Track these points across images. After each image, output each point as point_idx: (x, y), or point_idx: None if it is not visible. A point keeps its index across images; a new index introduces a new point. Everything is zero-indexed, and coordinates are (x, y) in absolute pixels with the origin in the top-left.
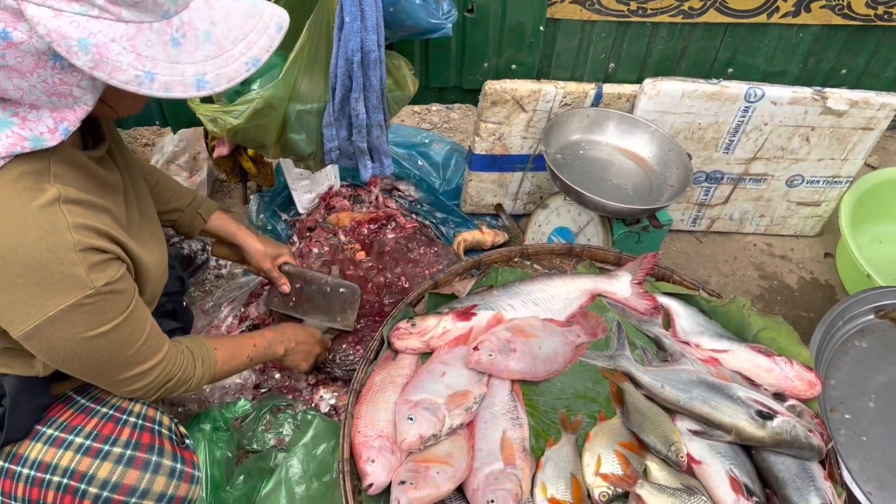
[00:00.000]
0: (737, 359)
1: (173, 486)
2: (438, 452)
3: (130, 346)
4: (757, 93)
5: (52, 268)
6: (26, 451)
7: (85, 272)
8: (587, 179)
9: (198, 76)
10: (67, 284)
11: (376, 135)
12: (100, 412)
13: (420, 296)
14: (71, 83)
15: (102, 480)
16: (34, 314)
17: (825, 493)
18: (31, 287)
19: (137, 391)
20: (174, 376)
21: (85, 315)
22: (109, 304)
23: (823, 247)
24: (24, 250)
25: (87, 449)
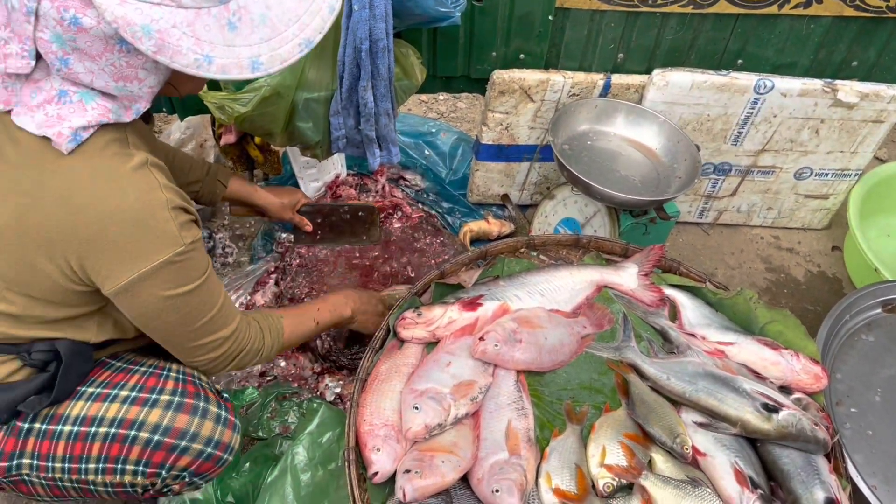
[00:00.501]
0: (743, 351)
1: (219, 432)
2: (443, 442)
3: (208, 310)
4: (767, 84)
5: (150, 224)
6: (67, 410)
7: (177, 229)
8: (595, 170)
9: (252, 58)
10: (162, 241)
11: (384, 123)
12: (139, 370)
13: (426, 285)
14: (136, 66)
15: (153, 425)
16: (130, 269)
17: (830, 487)
18: (130, 244)
19: (211, 361)
20: (245, 347)
21: (174, 272)
22: (193, 264)
23: (831, 240)
24: (125, 209)
25: (133, 399)
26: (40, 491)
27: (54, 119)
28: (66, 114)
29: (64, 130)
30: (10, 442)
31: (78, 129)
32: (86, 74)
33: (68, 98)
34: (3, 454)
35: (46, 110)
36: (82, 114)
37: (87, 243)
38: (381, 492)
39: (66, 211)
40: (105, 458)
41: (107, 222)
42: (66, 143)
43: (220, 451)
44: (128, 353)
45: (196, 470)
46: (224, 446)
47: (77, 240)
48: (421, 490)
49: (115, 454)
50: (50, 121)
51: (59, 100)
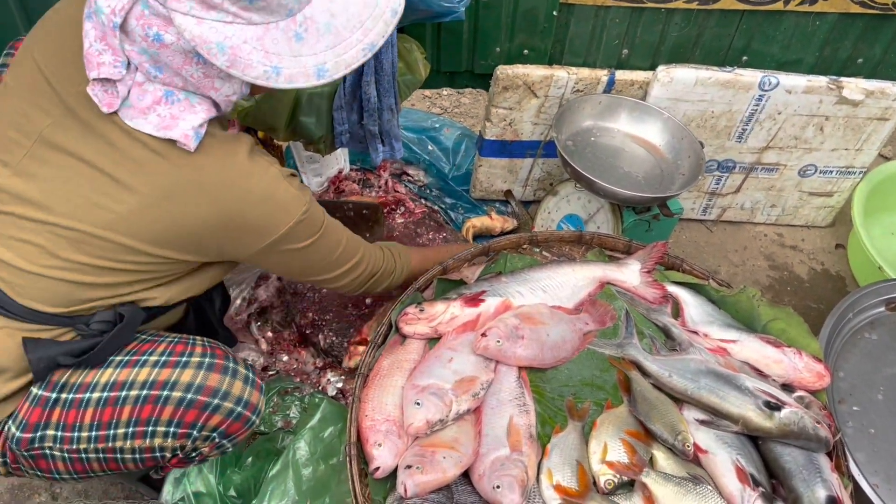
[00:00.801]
0: (745, 349)
1: (248, 392)
2: (445, 437)
3: (337, 246)
4: (771, 81)
5: (278, 195)
6: (95, 378)
7: (297, 191)
8: (598, 166)
9: (318, 66)
10: (290, 205)
11: (387, 118)
12: (166, 339)
13: (428, 281)
14: (212, 76)
15: (186, 384)
16: (269, 236)
17: (832, 485)
18: (264, 218)
19: (348, 284)
20: (378, 269)
21: (304, 227)
22: (314, 215)
23: (835, 238)
24: (255, 189)
25: (164, 363)
26: (60, 466)
27: (169, 119)
28: (177, 113)
29: (188, 132)
30: (35, 412)
31: (197, 128)
32: (178, 78)
33: (175, 97)
34: (27, 425)
35: (158, 111)
36: (192, 112)
37: (227, 229)
38: (383, 487)
39: (203, 201)
40: (136, 422)
41: (242, 205)
42: (192, 143)
43: (249, 412)
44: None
45: (226, 430)
46: (252, 407)
47: (220, 227)
48: (422, 485)
49: (146, 416)
50: (165, 122)
51: (166, 100)
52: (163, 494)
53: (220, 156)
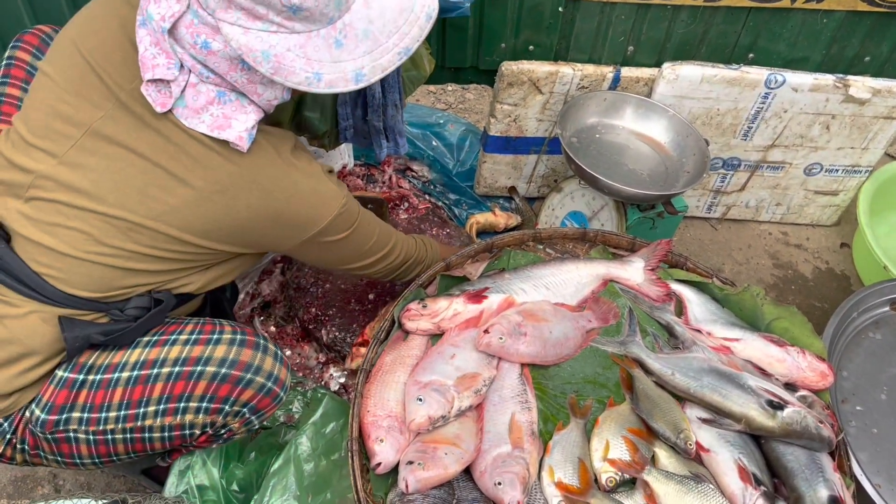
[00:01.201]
0: (749, 348)
1: (277, 368)
2: (447, 434)
3: (371, 236)
4: (778, 79)
5: (319, 191)
6: (123, 358)
7: (336, 187)
8: (603, 164)
9: (356, 70)
10: (330, 199)
11: (391, 114)
12: (192, 320)
13: (431, 277)
14: (255, 81)
15: (220, 359)
16: (312, 228)
17: (834, 485)
18: (308, 211)
19: (381, 271)
20: (410, 256)
21: (342, 220)
22: (351, 208)
23: (840, 237)
24: (301, 185)
25: (195, 341)
26: (83, 450)
27: (222, 119)
28: (230, 113)
29: (243, 134)
30: (62, 395)
31: (250, 130)
32: (227, 79)
33: (227, 98)
34: (53, 407)
35: (211, 111)
36: (244, 112)
37: (275, 223)
38: (384, 483)
39: (256, 196)
40: (167, 398)
41: (289, 199)
42: (246, 144)
43: (278, 388)
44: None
45: (256, 405)
46: (281, 383)
47: (268, 221)
48: (423, 481)
49: (178, 392)
50: (218, 121)
51: (219, 100)
52: (166, 487)
53: (271, 153)
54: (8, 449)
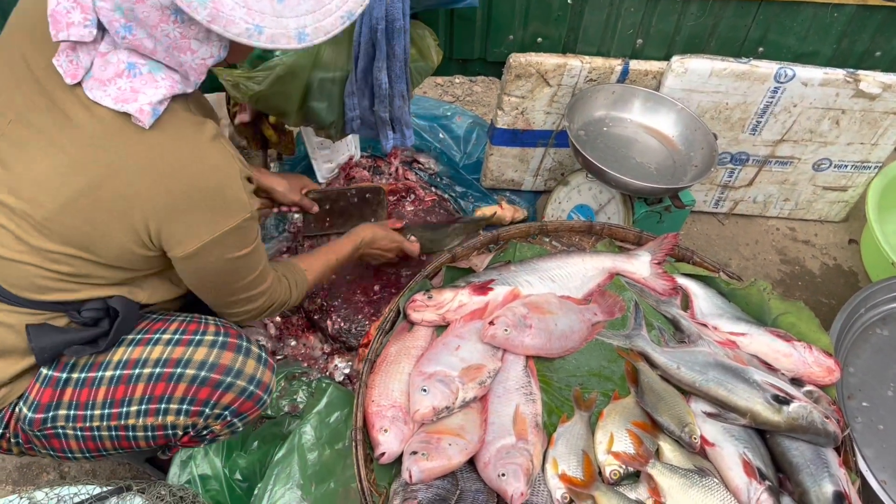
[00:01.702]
0: (755, 342)
1: (260, 371)
2: (451, 425)
3: (255, 269)
4: (787, 73)
5: (227, 192)
6: (107, 357)
7: (247, 197)
8: (610, 157)
9: (299, 29)
10: (235, 207)
11: (398, 105)
12: (178, 318)
13: (437, 269)
14: (189, 36)
15: (200, 362)
16: (204, 234)
17: (839, 480)
18: (209, 209)
19: (246, 313)
20: (275, 301)
21: (239, 236)
22: (251, 228)
23: (848, 233)
24: (209, 176)
25: (177, 341)
26: (73, 445)
27: (128, 93)
28: (139, 86)
29: (144, 107)
30: (46, 393)
31: (156, 104)
32: (148, 40)
33: (137, 70)
34: (39, 406)
35: (119, 84)
36: (154, 86)
37: (170, 207)
38: (388, 472)
39: (153, 178)
40: (149, 399)
41: (193, 189)
42: (148, 119)
43: (261, 391)
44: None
45: (238, 408)
46: (264, 386)
47: (162, 204)
48: (427, 472)
49: (159, 393)
50: (124, 94)
51: (129, 72)
52: (169, 476)
53: (177, 137)
54: (3, 442)
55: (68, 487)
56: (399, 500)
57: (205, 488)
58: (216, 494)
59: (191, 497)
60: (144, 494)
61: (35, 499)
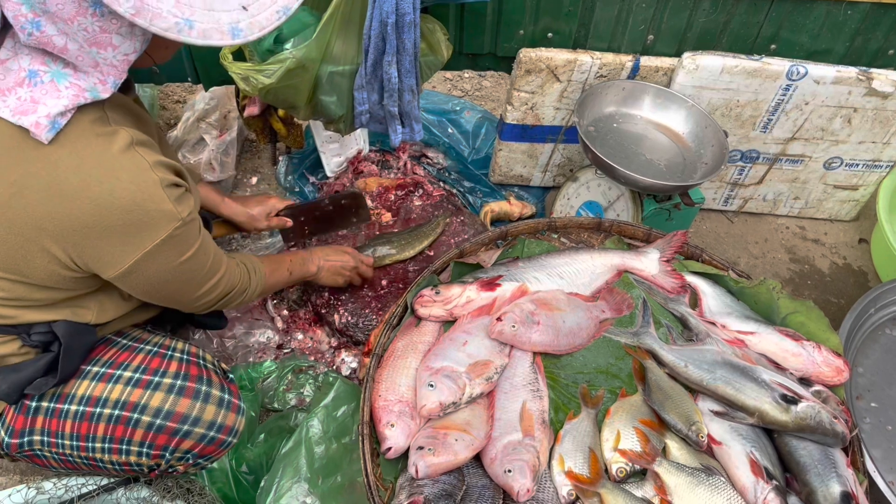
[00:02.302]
0: (763, 341)
1: (222, 415)
2: (457, 420)
3: (204, 265)
4: (800, 71)
5: (146, 206)
6: (73, 390)
7: (173, 206)
8: (620, 153)
9: (232, 24)
10: (160, 220)
11: (408, 99)
12: (144, 349)
13: (445, 264)
14: (110, 31)
15: (155, 409)
16: (132, 252)
17: (847, 481)
18: (129, 227)
19: (201, 307)
20: (234, 286)
21: (175, 245)
22: (190, 232)
23: (858, 232)
24: (120, 194)
25: (136, 381)
26: (53, 464)
27: (28, 103)
28: (39, 96)
29: (41, 120)
30: (20, 420)
31: (55, 117)
32: (59, 37)
33: (39, 79)
34: (14, 431)
35: (18, 94)
36: (56, 96)
37: (82, 232)
38: (394, 467)
39: (57, 200)
40: (111, 439)
41: (102, 208)
42: (45, 133)
43: (224, 435)
44: (134, 329)
45: (200, 452)
46: (227, 429)
47: (71, 229)
48: (434, 467)
49: (119, 435)
50: (23, 106)
51: (29, 81)
52: None
53: (80, 151)
54: None
55: (76, 478)
56: (405, 495)
57: (211, 480)
58: (223, 486)
59: (198, 489)
60: (151, 486)
61: (43, 489)
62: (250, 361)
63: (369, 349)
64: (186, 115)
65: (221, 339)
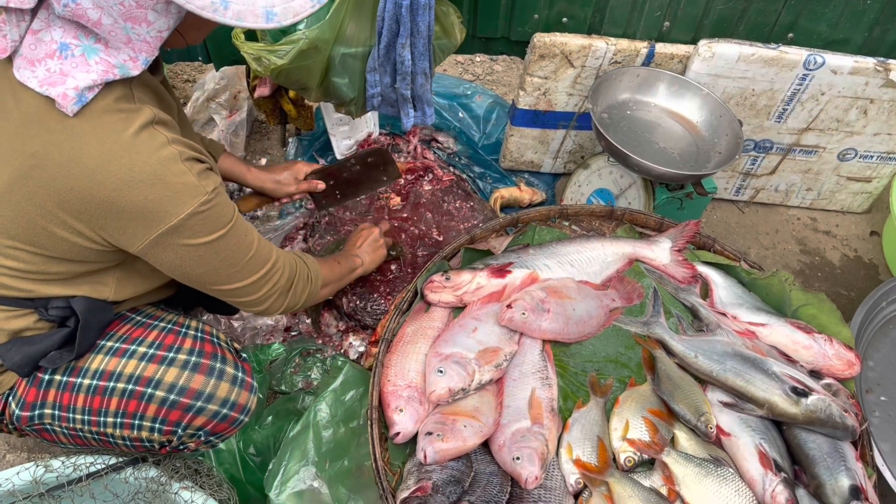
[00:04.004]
0: (775, 333)
1: (235, 393)
2: (466, 406)
3: (248, 249)
4: (817, 60)
5: (168, 179)
6: (86, 364)
7: (196, 179)
8: (633, 141)
9: (267, 8)
10: (184, 193)
11: (420, 83)
12: (158, 325)
13: (455, 250)
14: (146, 6)
15: (169, 384)
16: (157, 226)
17: (856, 474)
18: (151, 203)
19: (269, 297)
20: (295, 274)
21: (203, 221)
22: (220, 209)
23: (870, 224)
24: (140, 169)
25: (151, 357)
26: (63, 439)
27: (57, 75)
28: (68, 69)
29: (69, 92)
30: (31, 392)
31: (83, 90)
32: (94, 10)
33: (70, 52)
34: (25, 404)
35: (48, 65)
36: (86, 70)
37: (103, 208)
38: (402, 452)
39: (77, 175)
40: (123, 413)
41: (123, 184)
42: (71, 105)
43: (236, 413)
44: (148, 307)
45: (212, 430)
46: (240, 408)
47: (93, 204)
48: (442, 453)
49: (132, 410)
50: (52, 77)
51: (60, 53)
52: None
53: (104, 125)
54: (2, 426)
55: (84, 457)
56: (413, 480)
57: (219, 462)
58: (230, 468)
59: (205, 470)
60: (160, 466)
61: (52, 467)
62: (258, 343)
63: (376, 339)
64: (196, 94)
65: (229, 321)
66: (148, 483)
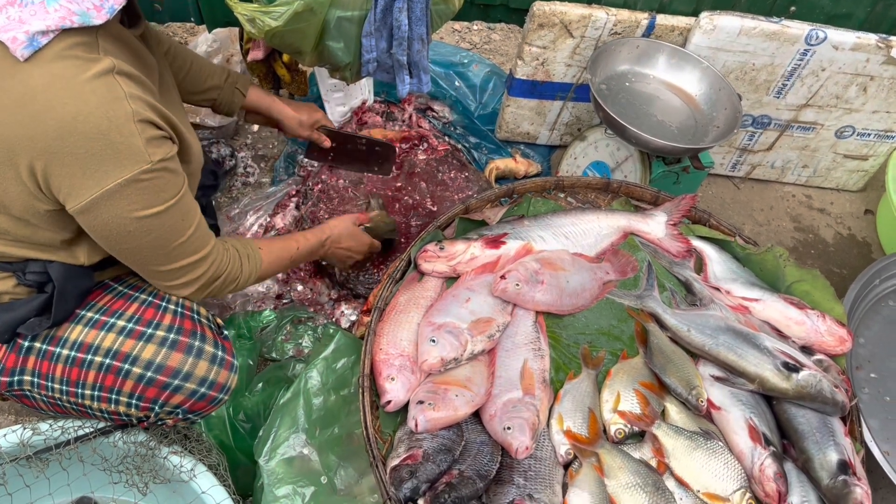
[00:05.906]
0: (768, 309)
1: (214, 372)
2: (458, 376)
3: (181, 233)
4: (819, 35)
5: (112, 137)
6: (66, 333)
7: (143, 145)
8: (631, 113)
9: None
10: (126, 156)
11: (417, 49)
12: (139, 298)
13: (450, 219)
14: None
15: (147, 361)
16: (92, 186)
17: (844, 449)
18: (91, 158)
19: (186, 286)
20: (222, 273)
21: (141, 192)
22: (163, 184)
23: (865, 203)
24: (84, 119)
25: (129, 331)
26: (42, 406)
27: (15, 23)
28: (27, 17)
29: (19, 35)
30: (11, 358)
31: (35, 34)
32: None
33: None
34: (4, 369)
35: (8, 13)
36: (43, 17)
37: (46, 153)
38: (393, 420)
39: (23, 119)
40: (100, 387)
41: (65, 132)
42: (21, 49)
43: (215, 392)
44: (131, 276)
45: (189, 408)
46: (219, 387)
47: (36, 149)
48: (433, 422)
49: (109, 384)
50: (10, 24)
51: (20, 1)
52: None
53: (55, 70)
54: None
55: (73, 420)
56: (404, 448)
57: (209, 428)
58: (219, 434)
59: (195, 435)
60: (149, 431)
61: (39, 430)
62: (249, 310)
63: (368, 308)
64: None
65: None
66: (137, 447)
